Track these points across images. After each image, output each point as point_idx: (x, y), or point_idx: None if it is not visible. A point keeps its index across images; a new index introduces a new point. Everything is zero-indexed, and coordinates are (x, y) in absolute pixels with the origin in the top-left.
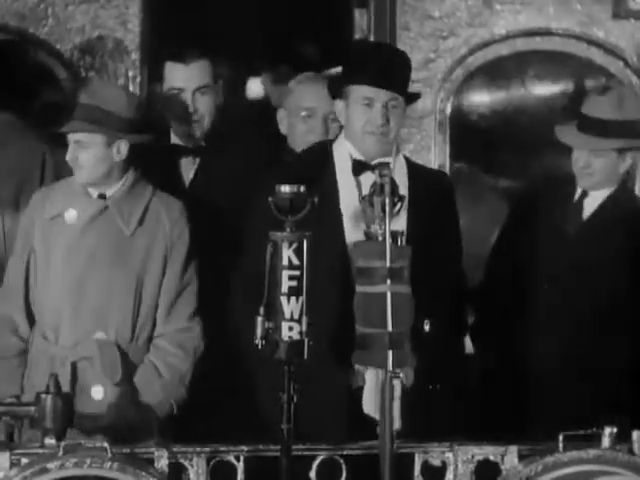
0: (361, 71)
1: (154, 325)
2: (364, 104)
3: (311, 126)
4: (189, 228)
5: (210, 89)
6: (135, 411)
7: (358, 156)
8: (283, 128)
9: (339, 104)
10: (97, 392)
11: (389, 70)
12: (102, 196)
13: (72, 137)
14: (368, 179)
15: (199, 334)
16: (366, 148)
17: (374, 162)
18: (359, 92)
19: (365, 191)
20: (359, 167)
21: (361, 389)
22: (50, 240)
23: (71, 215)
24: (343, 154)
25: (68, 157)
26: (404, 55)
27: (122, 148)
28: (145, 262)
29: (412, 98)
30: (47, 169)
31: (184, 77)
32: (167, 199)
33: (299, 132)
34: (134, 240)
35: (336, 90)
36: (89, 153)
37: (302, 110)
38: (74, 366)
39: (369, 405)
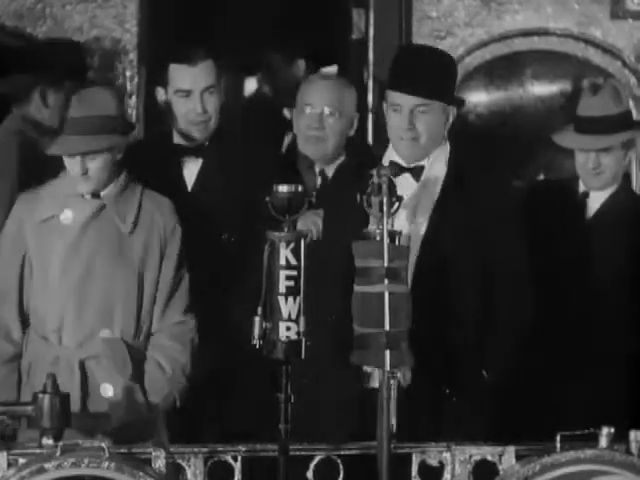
0: (390, 76)
1: (152, 321)
2: (394, 109)
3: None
4: (180, 225)
5: (216, 88)
6: (141, 408)
7: (396, 158)
8: (295, 128)
9: (384, 106)
10: (106, 390)
11: (415, 75)
12: (96, 195)
13: None
14: (402, 181)
15: (193, 328)
16: (400, 152)
17: (408, 165)
18: (390, 97)
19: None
20: (395, 169)
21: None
22: (45, 243)
23: (67, 216)
24: (388, 156)
25: (75, 171)
26: (441, 58)
27: (121, 147)
28: (144, 259)
29: (456, 101)
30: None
31: (191, 78)
32: (157, 197)
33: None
34: (132, 238)
35: (382, 93)
36: (99, 161)
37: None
38: (82, 365)
39: None
